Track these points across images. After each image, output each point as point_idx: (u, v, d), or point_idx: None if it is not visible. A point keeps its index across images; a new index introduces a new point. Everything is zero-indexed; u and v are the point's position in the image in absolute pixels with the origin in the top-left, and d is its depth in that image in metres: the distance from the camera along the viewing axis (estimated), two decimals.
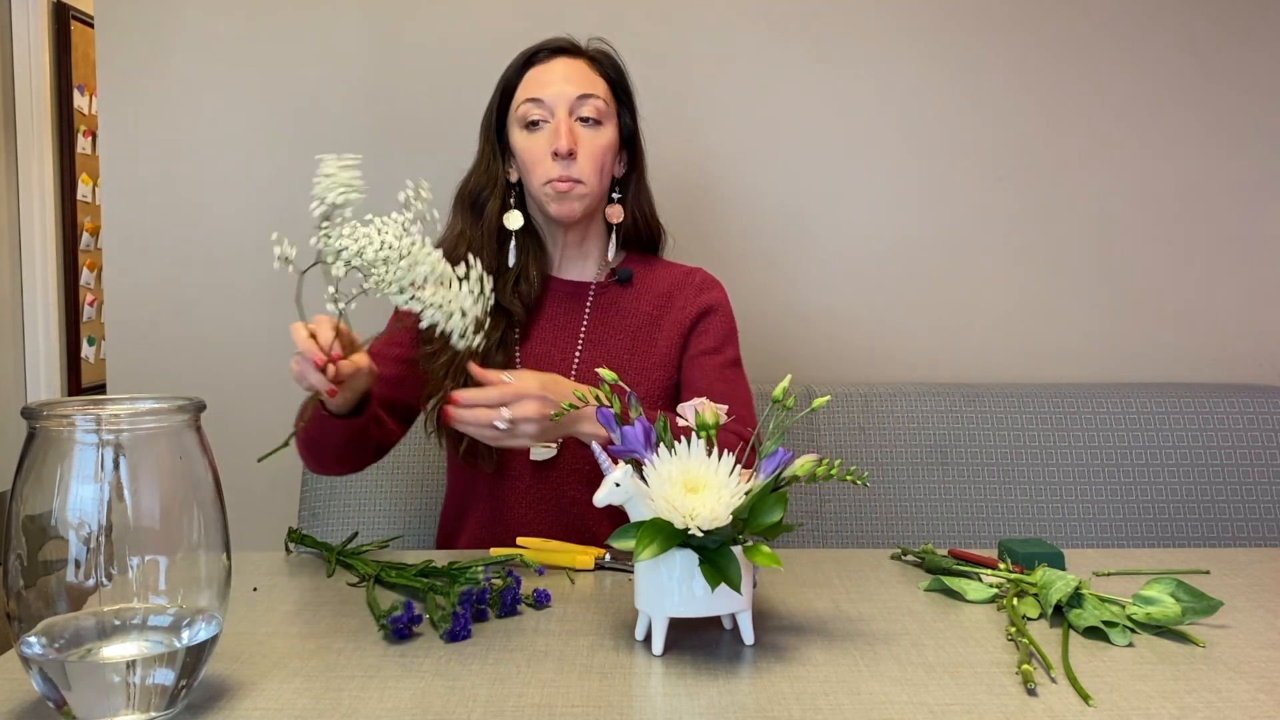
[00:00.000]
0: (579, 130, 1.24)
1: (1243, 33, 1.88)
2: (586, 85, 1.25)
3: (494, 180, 1.30)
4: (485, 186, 1.29)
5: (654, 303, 1.33)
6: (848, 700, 0.73)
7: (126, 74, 1.82)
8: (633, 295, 1.33)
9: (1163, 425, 1.70)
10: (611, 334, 1.31)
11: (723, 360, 1.30)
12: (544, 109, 1.24)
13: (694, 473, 0.80)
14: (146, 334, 1.85)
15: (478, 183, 1.30)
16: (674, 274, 1.36)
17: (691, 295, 1.33)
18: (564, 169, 1.23)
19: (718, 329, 1.32)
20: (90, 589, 0.66)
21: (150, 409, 0.70)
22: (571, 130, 1.23)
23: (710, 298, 1.33)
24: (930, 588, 1.00)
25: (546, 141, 1.24)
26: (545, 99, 1.24)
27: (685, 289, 1.34)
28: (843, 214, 1.88)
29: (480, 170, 1.31)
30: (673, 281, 1.35)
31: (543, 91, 1.24)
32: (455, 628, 0.85)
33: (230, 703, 0.73)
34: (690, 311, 1.31)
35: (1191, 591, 0.90)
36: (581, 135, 1.24)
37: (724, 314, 1.33)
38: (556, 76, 1.25)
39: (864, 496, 1.66)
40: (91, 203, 3.81)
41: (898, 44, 1.86)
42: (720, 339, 1.31)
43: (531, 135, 1.25)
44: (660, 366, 1.29)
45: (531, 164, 1.25)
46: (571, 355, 1.29)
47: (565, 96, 1.24)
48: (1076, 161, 1.89)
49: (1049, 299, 1.90)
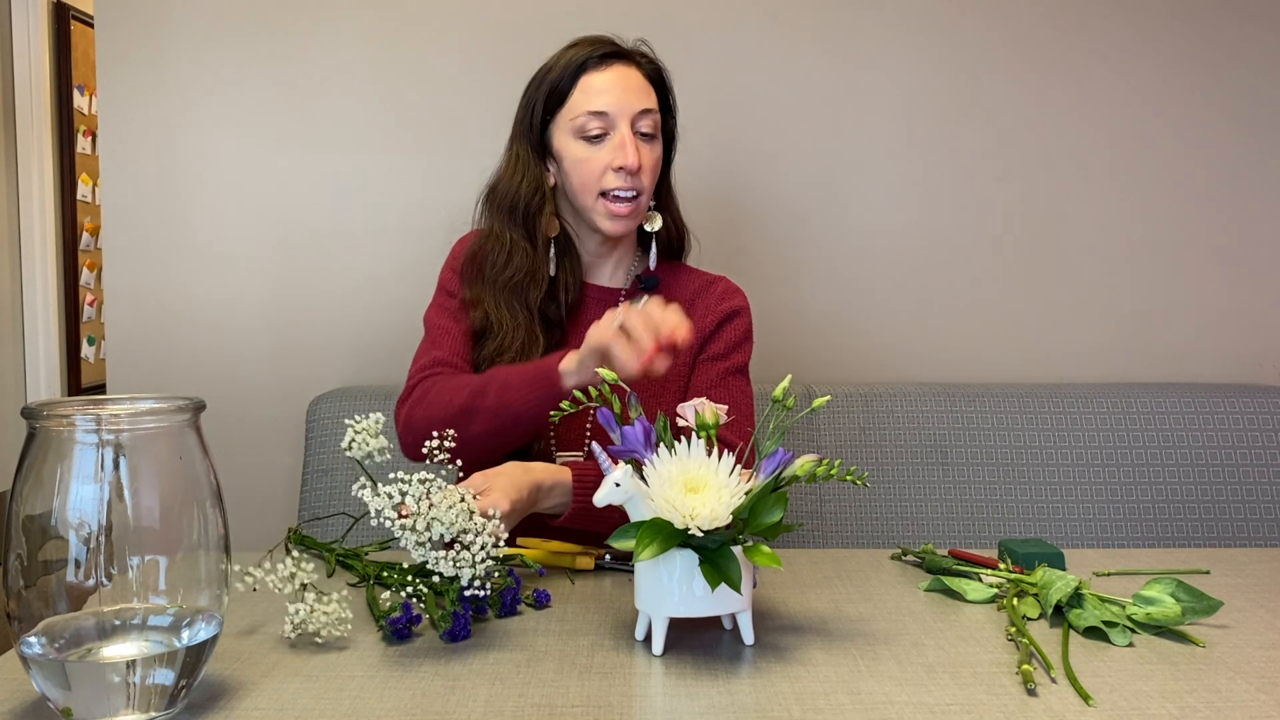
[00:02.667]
0: (640, 145, 1.23)
1: (1248, 33, 1.88)
2: (645, 98, 1.23)
3: (540, 187, 1.27)
4: (534, 195, 1.26)
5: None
6: (848, 700, 0.73)
7: (126, 74, 1.83)
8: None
9: (1163, 425, 1.70)
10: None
11: (727, 366, 1.29)
12: (605, 121, 1.22)
13: (694, 473, 0.80)
14: (146, 334, 1.85)
15: (527, 190, 1.26)
16: (697, 282, 1.35)
17: (713, 303, 1.32)
18: (628, 182, 1.22)
19: (730, 336, 1.31)
20: (90, 589, 0.66)
21: (150, 409, 0.70)
22: (638, 147, 1.21)
23: (730, 305, 1.32)
24: (930, 588, 1.00)
25: (608, 154, 1.22)
26: (609, 112, 1.21)
27: (707, 297, 1.33)
28: (843, 214, 1.88)
29: (526, 176, 1.27)
30: (695, 289, 1.34)
31: (604, 103, 1.21)
32: (455, 627, 0.85)
33: (230, 703, 0.73)
34: (711, 319, 1.30)
35: (1191, 591, 0.90)
36: (642, 150, 1.23)
37: (740, 323, 1.32)
38: (616, 86, 1.22)
39: (864, 496, 1.66)
40: (91, 203, 3.80)
41: (899, 43, 1.86)
42: (730, 345, 1.30)
43: (590, 147, 1.23)
44: (680, 375, 1.29)
45: (589, 176, 1.23)
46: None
47: (628, 110, 1.22)
48: (1077, 163, 1.89)
49: (1049, 299, 1.90)
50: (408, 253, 1.83)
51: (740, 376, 1.31)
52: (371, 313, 1.85)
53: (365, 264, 1.85)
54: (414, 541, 0.86)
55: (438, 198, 1.82)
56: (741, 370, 1.31)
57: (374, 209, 1.85)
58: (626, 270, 1.35)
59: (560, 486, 1.07)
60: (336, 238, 1.85)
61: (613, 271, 1.34)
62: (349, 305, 1.86)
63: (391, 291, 1.83)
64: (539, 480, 1.06)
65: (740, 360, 1.31)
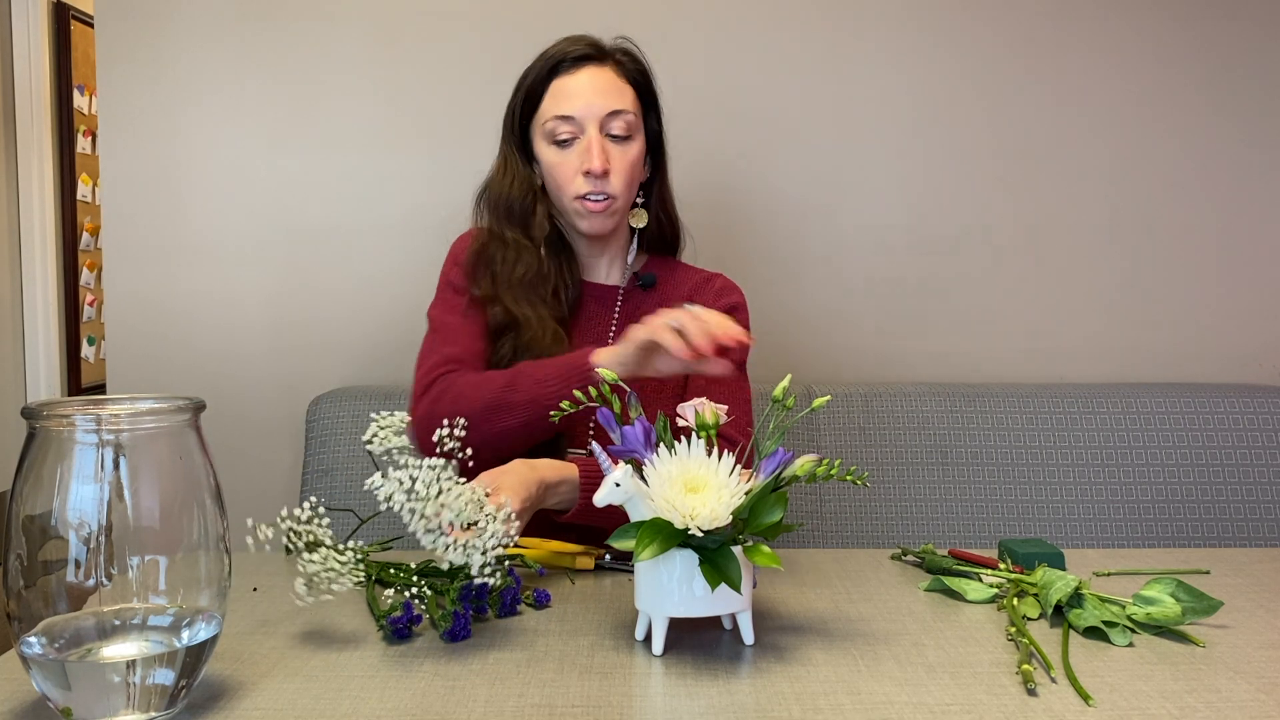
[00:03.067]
0: (610, 147, 1.22)
1: (1248, 34, 1.88)
2: (616, 99, 1.23)
3: (530, 188, 1.27)
4: (526, 195, 1.27)
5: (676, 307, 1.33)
6: (848, 700, 0.73)
7: (126, 74, 1.83)
8: (656, 300, 1.33)
9: (1163, 425, 1.69)
10: None
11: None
12: (574, 125, 1.22)
13: (694, 473, 0.80)
14: (146, 334, 1.85)
15: (517, 191, 1.27)
16: (695, 279, 1.36)
17: (711, 300, 1.32)
18: (596, 185, 1.22)
19: None
20: (90, 589, 0.66)
21: (150, 409, 0.70)
22: (604, 150, 1.21)
23: (728, 301, 1.33)
24: (930, 588, 1.00)
25: (577, 158, 1.22)
26: (575, 115, 1.21)
27: (705, 294, 1.33)
28: (843, 213, 1.88)
29: (515, 178, 1.28)
30: (693, 286, 1.35)
31: (572, 107, 1.21)
32: (455, 627, 0.85)
33: (230, 703, 0.73)
34: None
35: (1191, 591, 0.90)
36: (612, 152, 1.22)
37: (739, 319, 1.31)
38: (585, 89, 1.22)
39: (864, 496, 1.66)
40: (91, 203, 3.80)
41: (900, 42, 1.86)
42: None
43: (561, 151, 1.23)
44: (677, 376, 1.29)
45: (562, 180, 1.23)
46: None
47: (595, 113, 1.21)
48: (1078, 163, 1.89)
49: (1049, 299, 1.90)
50: (408, 252, 1.83)
51: (739, 372, 1.31)
52: (372, 312, 1.85)
53: (366, 264, 1.85)
54: (423, 529, 0.85)
55: (439, 197, 1.82)
56: (740, 366, 1.31)
57: (374, 208, 1.85)
58: (622, 267, 1.35)
59: (567, 483, 1.07)
60: (337, 237, 1.85)
61: (608, 269, 1.35)
62: (349, 305, 1.86)
63: (392, 291, 1.83)
64: (545, 478, 1.05)
65: (739, 357, 1.31)
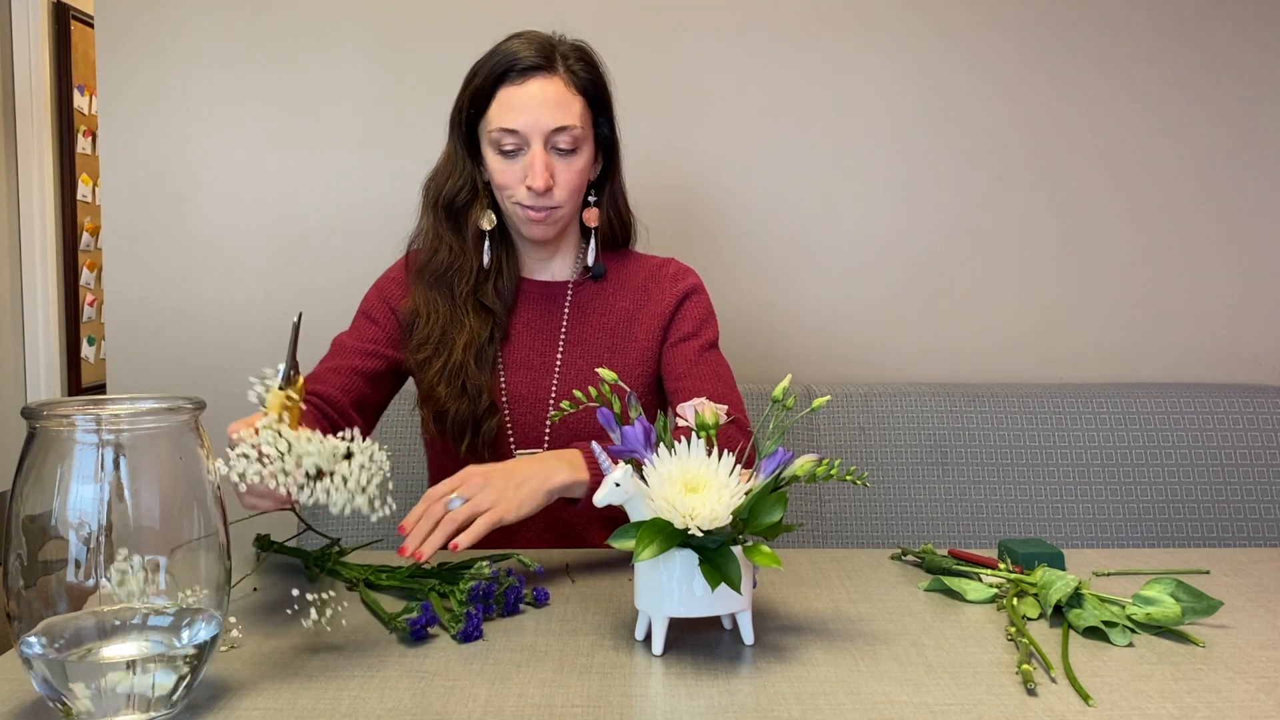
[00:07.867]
0: (554, 162, 1.22)
1: (1249, 35, 1.88)
2: (562, 114, 1.21)
3: (469, 183, 1.28)
4: (460, 190, 1.28)
5: (631, 298, 1.33)
6: (848, 700, 0.73)
7: (126, 74, 1.83)
8: (609, 291, 1.33)
9: (1163, 425, 1.70)
10: (591, 332, 1.31)
11: (701, 343, 1.30)
12: (518, 139, 1.21)
13: (694, 473, 0.80)
14: (146, 334, 1.85)
15: (453, 186, 1.28)
16: (648, 266, 1.36)
17: (668, 285, 1.33)
18: (538, 201, 1.22)
19: (694, 314, 1.31)
20: (90, 589, 0.66)
21: (150, 409, 0.70)
22: (547, 166, 1.20)
23: (685, 285, 1.33)
24: (930, 588, 1.00)
25: (521, 170, 1.21)
26: (520, 129, 1.20)
27: (660, 280, 1.34)
28: (843, 213, 1.88)
29: (454, 173, 1.28)
30: (647, 274, 1.35)
31: (517, 121, 1.20)
32: (468, 627, 0.85)
33: (230, 703, 0.73)
34: (668, 302, 1.31)
35: (1191, 591, 0.90)
36: (557, 166, 1.22)
37: (700, 299, 1.33)
38: (531, 103, 1.20)
39: (864, 496, 1.66)
40: (91, 203, 3.81)
41: (898, 41, 1.86)
42: (697, 323, 1.31)
43: (506, 160, 1.22)
44: (640, 361, 1.29)
45: (505, 186, 1.23)
46: (553, 357, 1.29)
47: (541, 129, 1.20)
48: (1076, 162, 1.89)
49: (1049, 299, 1.90)
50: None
51: (715, 352, 1.31)
52: None
53: (366, 263, 1.85)
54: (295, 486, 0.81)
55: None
56: (714, 345, 1.31)
57: (374, 208, 1.85)
58: (573, 263, 1.35)
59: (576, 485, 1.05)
60: (336, 237, 1.85)
61: (559, 265, 1.35)
62: (349, 305, 1.86)
63: None
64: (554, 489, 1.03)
65: (711, 335, 1.31)
